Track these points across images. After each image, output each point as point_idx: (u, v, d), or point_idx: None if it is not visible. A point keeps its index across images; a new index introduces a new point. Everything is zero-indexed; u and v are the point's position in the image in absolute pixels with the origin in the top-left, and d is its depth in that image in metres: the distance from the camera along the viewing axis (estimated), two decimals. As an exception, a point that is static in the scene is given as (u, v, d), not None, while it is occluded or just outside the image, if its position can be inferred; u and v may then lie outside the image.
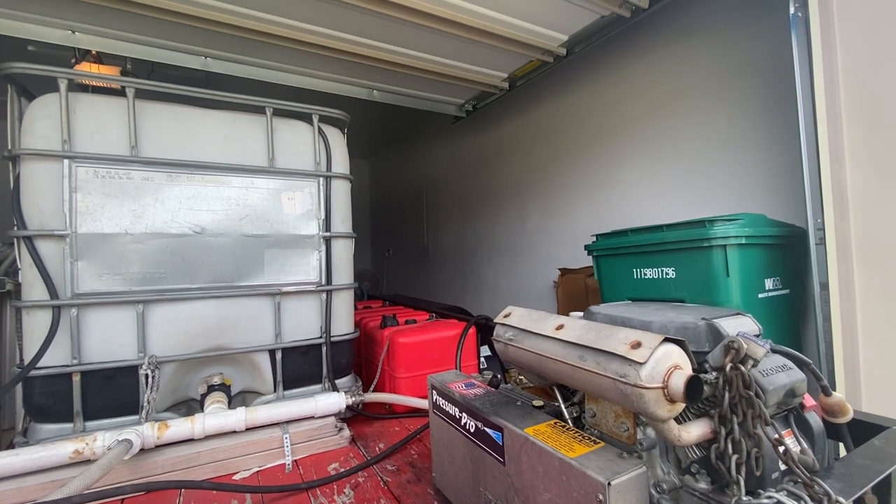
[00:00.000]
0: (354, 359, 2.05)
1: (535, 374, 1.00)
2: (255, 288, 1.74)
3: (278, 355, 1.78)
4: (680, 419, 0.80)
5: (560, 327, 0.88)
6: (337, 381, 1.89)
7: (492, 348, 2.49)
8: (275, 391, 1.78)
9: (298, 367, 1.84)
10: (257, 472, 1.49)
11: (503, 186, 4.01)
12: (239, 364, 1.79)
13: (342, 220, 1.95)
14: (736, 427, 0.70)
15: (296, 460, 1.54)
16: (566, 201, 3.18)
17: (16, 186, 1.47)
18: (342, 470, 1.46)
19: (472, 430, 1.06)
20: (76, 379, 1.46)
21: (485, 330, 2.41)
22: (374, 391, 1.97)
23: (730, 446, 0.70)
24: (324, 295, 1.87)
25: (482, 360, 2.29)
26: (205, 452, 1.47)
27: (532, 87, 3.33)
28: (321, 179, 1.88)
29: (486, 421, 1.01)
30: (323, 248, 1.87)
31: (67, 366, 1.45)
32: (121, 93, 1.59)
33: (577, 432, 0.89)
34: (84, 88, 2.05)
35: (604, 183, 2.83)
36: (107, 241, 1.51)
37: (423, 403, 1.77)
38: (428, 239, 5.92)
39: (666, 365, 0.67)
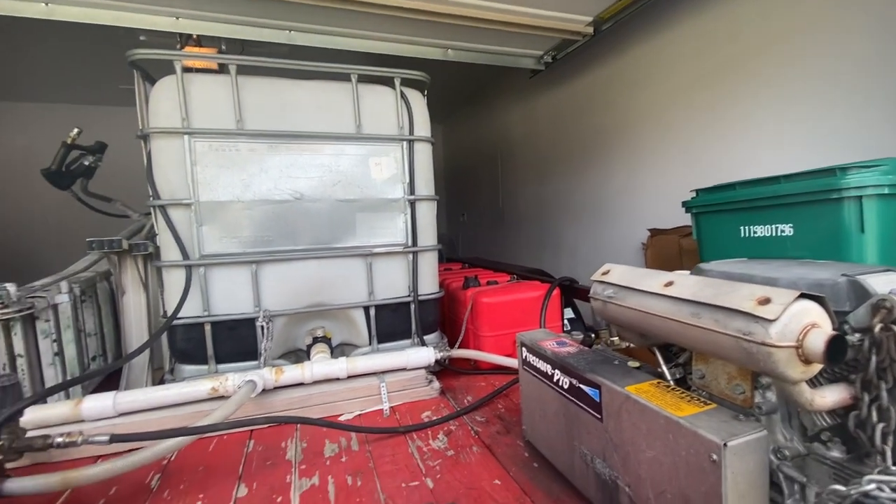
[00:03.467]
0: (439, 317, 2.13)
1: (638, 333, 0.96)
2: (349, 249, 1.85)
3: (371, 312, 1.90)
4: (811, 383, 0.73)
5: (669, 284, 0.83)
6: (425, 338, 1.98)
7: (575, 310, 2.45)
8: (370, 344, 1.92)
9: (390, 323, 1.95)
10: (359, 414, 1.63)
11: (584, 144, 3.79)
12: (337, 319, 1.94)
13: (425, 184, 1.99)
14: (884, 394, 0.63)
15: (392, 407, 1.67)
16: (658, 156, 2.94)
17: (149, 162, 1.68)
18: (435, 418, 1.56)
19: (565, 387, 1.06)
20: (207, 328, 1.69)
21: (568, 292, 2.36)
22: (458, 348, 2.05)
23: (874, 414, 0.63)
24: (410, 256, 1.95)
25: (565, 322, 2.26)
26: (315, 395, 1.64)
27: (620, 30, 3.05)
28: (404, 143, 1.91)
29: (582, 378, 1.00)
30: (408, 210, 1.93)
31: (200, 317, 1.68)
32: (220, 71, 1.72)
33: (683, 392, 0.86)
34: (186, 71, 2.25)
35: (705, 134, 2.56)
36: (223, 208, 1.68)
37: (509, 361, 1.80)
38: (503, 202, 5.84)
39: (801, 323, 0.61)
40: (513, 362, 1.78)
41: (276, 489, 1.20)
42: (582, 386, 1.00)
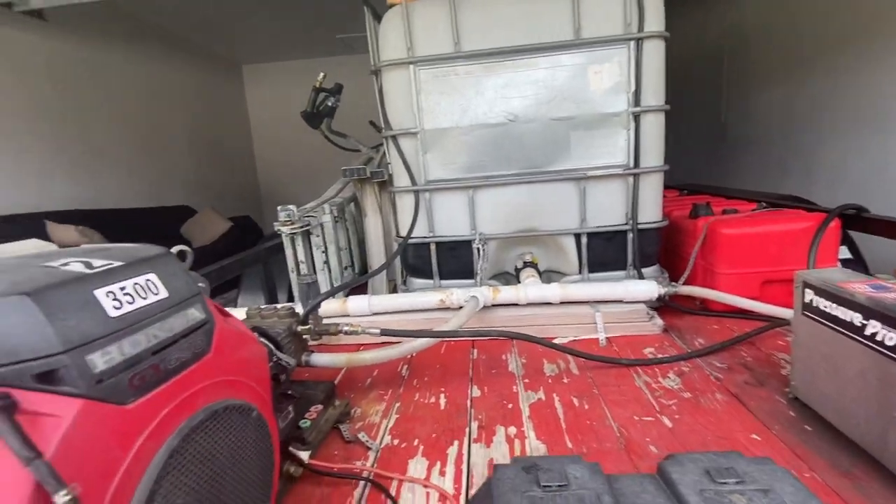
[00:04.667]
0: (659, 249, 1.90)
1: None
2: (562, 173, 1.75)
3: (583, 239, 1.80)
4: None
5: None
6: (643, 270, 1.81)
7: (853, 249, 1.88)
8: (580, 273, 1.85)
9: (602, 252, 1.83)
10: (573, 340, 1.62)
11: (867, 26, 2.69)
12: (546, 245, 1.91)
13: (654, 92, 1.69)
14: None
15: (608, 338, 1.60)
16: None
17: (380, 95, 1.84)
18: (661, 356, 1.43)
19: (889, 344, 0.80)
20: (432, 248, 1.87)
21: (851, 224, 1.80)
22: (684, 284, 1.81)
23: None
24: (630, 179, 1.74)
25: (838, 263, 1.75)
26: (528, 316, 1.68)
27: None
28: (632, 43, 1.63)
29: (925, 334, 0.73)
30: (632, 125, 1.69)
31: (426, 237, 1.86)
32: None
33: None
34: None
35: None
36: (444, 134, 1.75)
37: (761, 307, 1.50)
38: (727, 115, 4.78)
39: None
40: (765, 307, 1.48)
41: (505, 396, 1.29)
42: (922, 344, 0.73)
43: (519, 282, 1.84)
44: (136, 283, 0.58)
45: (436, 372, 1.47)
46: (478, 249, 1.78)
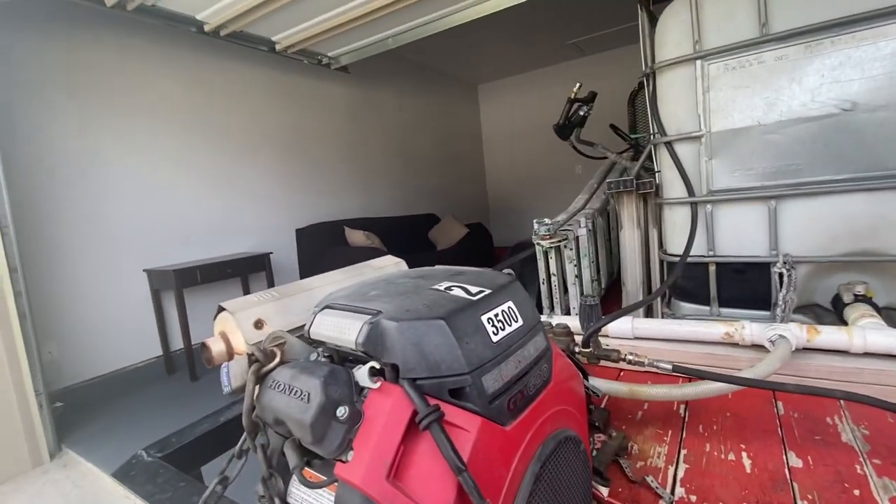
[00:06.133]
0: None
1: None
2: (933, 176, 1.25)
3: (970, 270, 1.25)
4: None
5: None
6: None
7: None
8: (960, 318, 1.29)
9: None
10: (953, 417, 1.13)
11: None
12: (888, 274, 1.41)
13: None
14: None
15: None
16: None
17: (653, 100, 1.68)
18: None
19: None
20: (711, 269, 1.60)
21: None
22: None
23: None
24: None
25: None
26: (867, 371, 1.26)
27: None
28: None
29: None
30: None
31: (704, 256, 1.61)
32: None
33: None
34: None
35: None
36: (738, 136, 1.48)
37: None
38: None
39: None
40: None
41: (845, 477, 0.98)
42: None
43: (841, 320, 1.40)
44: (503, 310, 0.63)
45: (727, 421, 1.24)
46: (781, 275, 1.43)
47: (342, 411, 0.52)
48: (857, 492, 0.95)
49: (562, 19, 5.21)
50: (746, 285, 1.55)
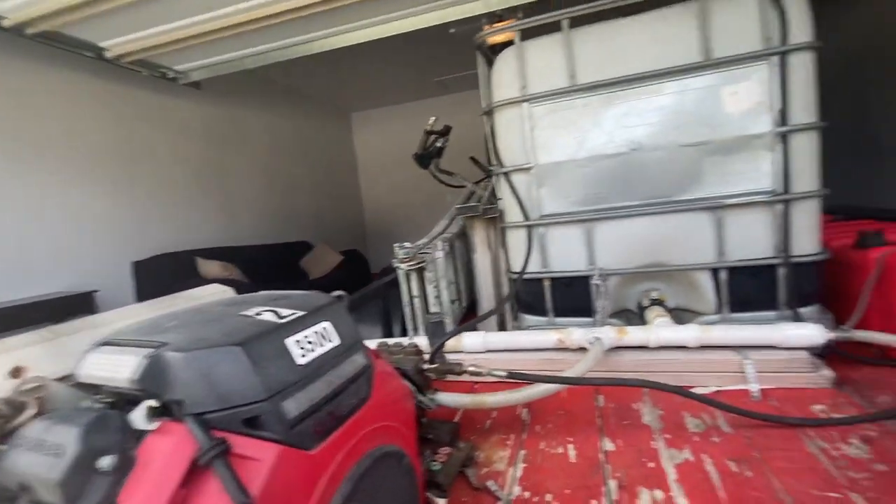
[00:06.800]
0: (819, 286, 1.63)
1: None
2: (694, 202, 1.60)
3: (722, 275, 1.61)
4: None
5: None
6: (800, 311, 1.55)
7: None
8: (719, 313, 1.65)
9: (745, 289, 1.62)
10: (717, 391, 1.42)
11: None
12: (674, 281, 1.75)
13: (804, 107, 1.49)
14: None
15: (763, 389, 1.38)
16: None
17: (492, 134, 1.87)
18: (837, 415, 1.19)
19: None
20: (546, 284, 1.81)
21: None
22: (856, 328, 1.52)
23: None
24: (780, 206, 1.53)
25: None
26: (659, 361, 1.52)
27: None
28: (775, 58, 1.47)
29: None
30: (779, 147, 1.50)
31: (539, 272, 1.81)
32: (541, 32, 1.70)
33: None
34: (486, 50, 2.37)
35: None
36: (559, 168, 1.72)
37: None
38: (877, 122, 4.07)
39: None
40: None
41: (643, 453, 1.16)
42: None
43: (643, 321, 1.69)
44: (315, 331, 0.62)
45: (560, 418, 1.39)
46: (597, 286, 1.68)
47: (106, 462, 0.45)
48: (651, 464, 1.12)
49: (427, 58, 5.56)
50: (575, 296, 1.78)
